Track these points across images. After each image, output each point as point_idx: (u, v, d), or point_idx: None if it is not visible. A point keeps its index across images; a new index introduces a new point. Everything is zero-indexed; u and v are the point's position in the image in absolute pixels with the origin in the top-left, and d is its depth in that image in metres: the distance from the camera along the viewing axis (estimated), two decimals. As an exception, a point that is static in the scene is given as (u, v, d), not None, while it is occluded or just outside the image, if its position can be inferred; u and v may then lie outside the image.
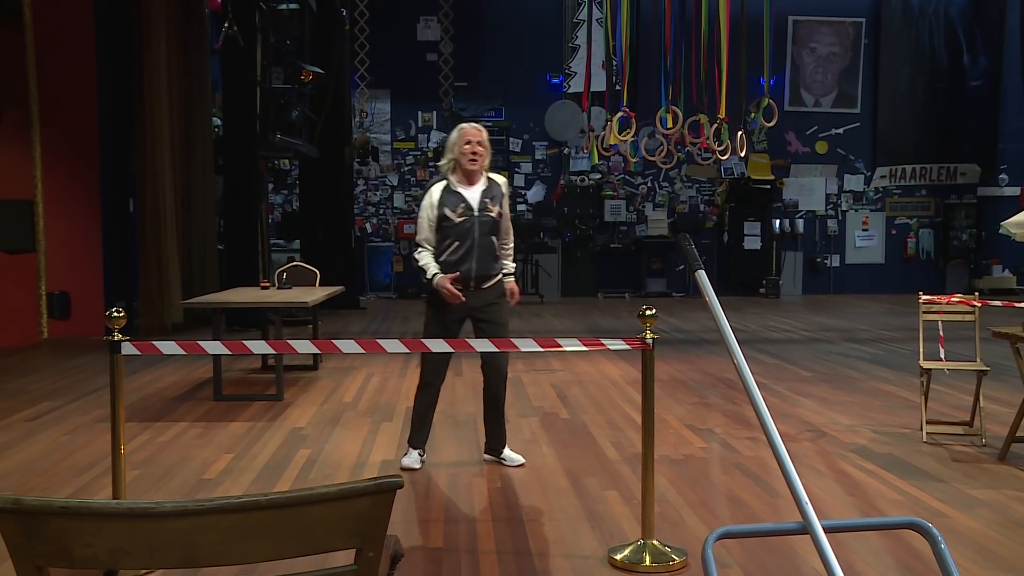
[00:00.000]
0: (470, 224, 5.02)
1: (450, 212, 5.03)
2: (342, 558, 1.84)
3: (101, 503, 1.68)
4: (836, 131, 17.60)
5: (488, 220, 5.05)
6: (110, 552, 1.63)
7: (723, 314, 2.66)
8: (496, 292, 5.15)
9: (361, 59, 15.91)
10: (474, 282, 5.05)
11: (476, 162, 5.04)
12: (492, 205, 5.07)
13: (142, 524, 1.63)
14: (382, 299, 16.54)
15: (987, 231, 16.92)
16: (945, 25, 17.44)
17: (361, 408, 6.97)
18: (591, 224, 17.03)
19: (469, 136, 5.06)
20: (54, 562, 1.65)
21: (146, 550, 1.65)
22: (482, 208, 5.05)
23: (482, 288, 5.09)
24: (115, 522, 1.63)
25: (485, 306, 5.11)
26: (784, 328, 12.06)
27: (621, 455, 5.54)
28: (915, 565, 3.68)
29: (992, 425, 5.87)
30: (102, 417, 6.31)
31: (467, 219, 5.02)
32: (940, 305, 5.95)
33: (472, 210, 5.03)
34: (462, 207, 5.02)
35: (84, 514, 1.64)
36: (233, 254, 12.03)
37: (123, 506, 1.64)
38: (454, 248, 5.03)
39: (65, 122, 10.79)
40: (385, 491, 1.75)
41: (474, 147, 5.04)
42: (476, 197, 5.06)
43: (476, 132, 5.11)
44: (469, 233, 5.02)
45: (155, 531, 1.64)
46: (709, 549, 2.01)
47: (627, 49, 10.69)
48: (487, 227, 5.06)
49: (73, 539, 1.63)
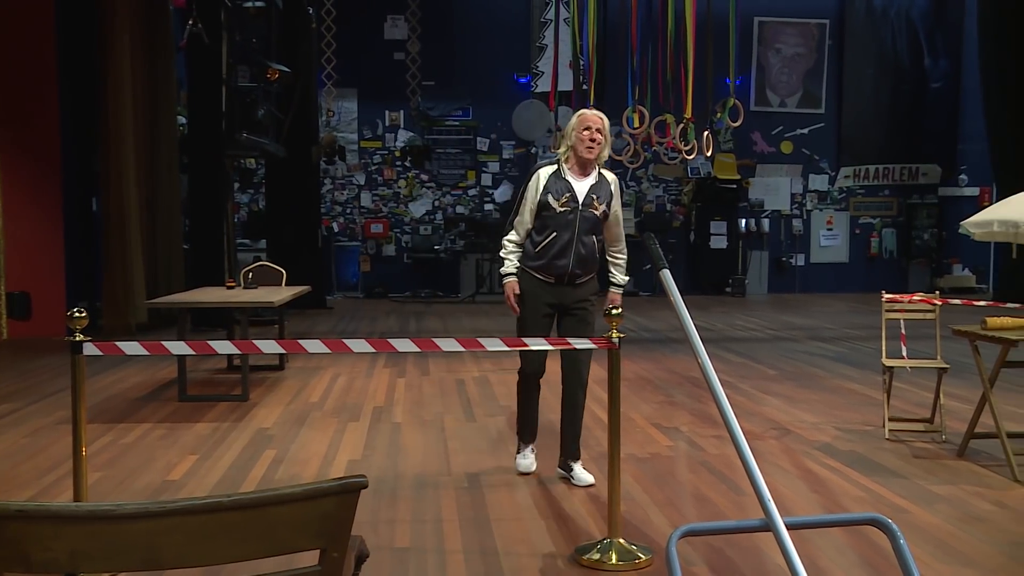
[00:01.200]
0: (572, 216, 4.69)
1: (553, 200, 4.70)
2: (307, 559, 1.83)
3: (60, 506, 1.66)
4: (801, 131, 17.77)
5: (590, 216, 4.72)
6: (70, 556, 1.61)
7: (687, 313, 2.68)
8: (589, 289, 4.87)
9: (328, 58, 15.82)
10: (569, 278, 4.79)
11: (593, 150, 4.68)
12: (598, 203, 4.73)
13: (102, 527, 1.62)
14: (349, 299, 16.47)
15: (948, 231, 17.16)
16: (907, 28, 17.67)
17: (328, 408, 6.93)
18: (559, 223, 17.04)
19: (589, 122, 4.70)
20: (11, 567, 1.63)
21: (107, 553, 1.63)
22: (587, 203, 4.71)
23: (576, 284, 4.82)
24: (74, 525, 1.61)
25: (578, 303, 4.83)
26: (750, 327, 12.16)
27: (588, 454, 5.55)
28: (877, 561, 3.73)
29: (952, 422, 5.96)
30: (64, 419, 6.22)
31: (569, 210, 4.69)
32: (902, 304, 6.03)
33: (576, 202, 4.70)
34: (567, 196, 4.69)
35: (42, 517, 1.62)
36: (199, 254, 11.93)
37: (83, 508, 1.62)
38: (551, 239, 4.72)
39: (25, 120, 10.62)
40: (350, 491, 1.75)
41: (593, 133, 4.67)
42: (584, 189, 4.72)
43: (597, 119, 4.73)
44: (569, 226, 4.70)
45: (116, 534, 1.62)
46: (673, 547, 2.02)
47: (594, 49, 10.73)
48: (588, 223, 4.73)
49: (31, 543, 1.60)
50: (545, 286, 4.81)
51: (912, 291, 11.37)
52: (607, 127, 4.77)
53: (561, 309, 4.85)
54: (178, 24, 12.08)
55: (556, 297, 4.81)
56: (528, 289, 4.82)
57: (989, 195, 16.42)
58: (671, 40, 10.37)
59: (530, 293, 4.81)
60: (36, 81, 10.66)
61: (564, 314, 4.87)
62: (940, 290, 9.04)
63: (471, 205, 17.29)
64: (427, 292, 16.70)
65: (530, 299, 4.82)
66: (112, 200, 11.01)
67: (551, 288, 4.81)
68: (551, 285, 4.80)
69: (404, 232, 17.21)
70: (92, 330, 4.04)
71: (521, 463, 5.13)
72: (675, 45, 10.35)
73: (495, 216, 17.06)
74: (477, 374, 8.39)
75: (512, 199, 17.21)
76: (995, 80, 14.56)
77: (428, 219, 17.22)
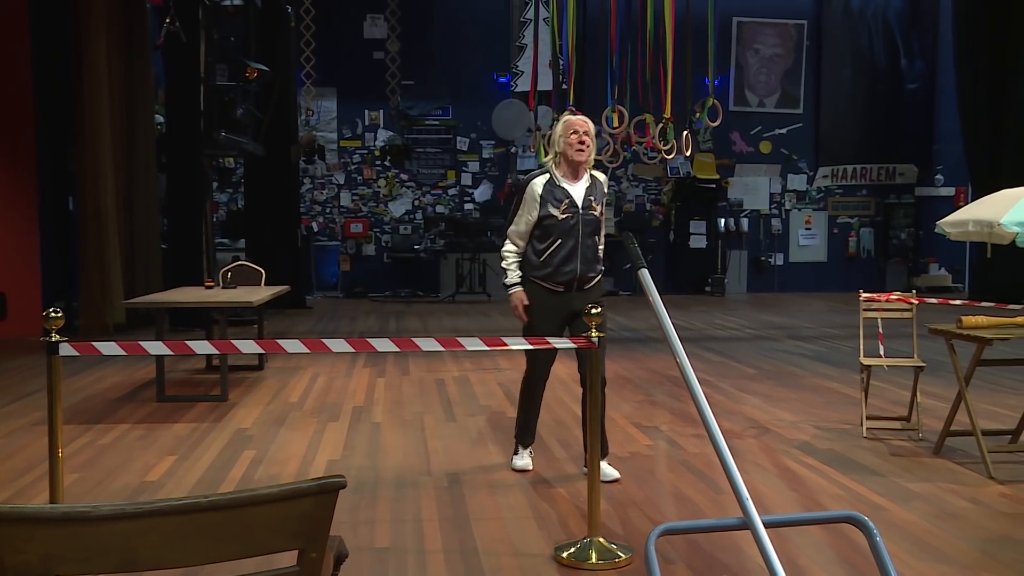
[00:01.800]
0: (575, 222, 4.72)
1: (553, 209, 4.72)
2: (286, 559, 1.82)
3: (34, 507, 1.64)
4: (780, 131, 17.86)
5: (592, 219, 4.78)
6: (43, 558, 1.60)
7: (666, 313, 2.69)
8: (599, 292, 4.90)
9: (307, 57, 15.76)
10: (577, 283, 4.81)
11: (584, 152, 4.71)
12: (596, 204, 4.79)
13: (78, 528, 1.60)
14: (329, 299, 16.42)
15: (924, 230, 17.31)
16: (883, 29, 17.80)
17: (307, 408, 6.91)
18: (539, 223, 17.05)
19: (575, 126, 4.74)
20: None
21: (82, 555, 1.62)
22: (586, 206, 4.75)
23: (584, 289, 4.83)
24: (49, 527, 1.60)
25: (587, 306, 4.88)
26: (729, 326, 12.21)
27: (568, 453, 5.57)
28: (855, 558, 3.76)
29: (928, 420, 6.01)
30: (40, 420, 6.16)
31: (571, 216, 4.72)
32: (880, 303, 6.08)
33: (577, 207, 4.73)
34: (566, 203, 4.72)
35: (16, 519, 1.60)
36: (177, 253, 11.86)
37: (58, 510, 1.61)
38: (557, 247, 4.74)
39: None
40: (328, 491, 1.74)
41: (581, 136, 4.71)
42: (581, 194, 4.76)
43: (582, 123, 4.77)
44: (573, 231, 4.73)
45: (92, 535, 1.61)
46: (651, 545, 2.03)
47: (573, 49, 10.73)
48: (591, 226, 4.78)
49: (4, 545, 1.59)
50: (553, 295, 4.81)
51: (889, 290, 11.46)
52: (592, 129, 4.81)
53: (571, 316, 4.81)
54: (155, 22, 11.98)
55: (565, 305, 4.80)
56: (536, 300, 4.81)
57: (965, 195, 16.56)
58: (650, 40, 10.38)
59: (539, 304, 4.81)
60: (11, 80, 10.56)
61: (575, 318, 4.79)
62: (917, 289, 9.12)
63: (451, 205, 17.27)
64: (407, 292, 16.68)
65: (539, 310, 4.81)
66: (89, 199, 10.92)
67: (560, 296, 4.81)
68: (559, 294, 4.80)
69: (384, 232, 17.17)
70: (69, 330, 4.01)
71: (518, 462, 5.16)
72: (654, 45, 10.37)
73: (475, 216, 17.05)
74: (457, 374, 8.38)
75: (492, 198, 17.24)
76: (970, 81, 14.71)
77: (408, 219, 17.19)
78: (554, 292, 4.81)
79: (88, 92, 10.79)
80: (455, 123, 17.13)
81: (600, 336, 3.91)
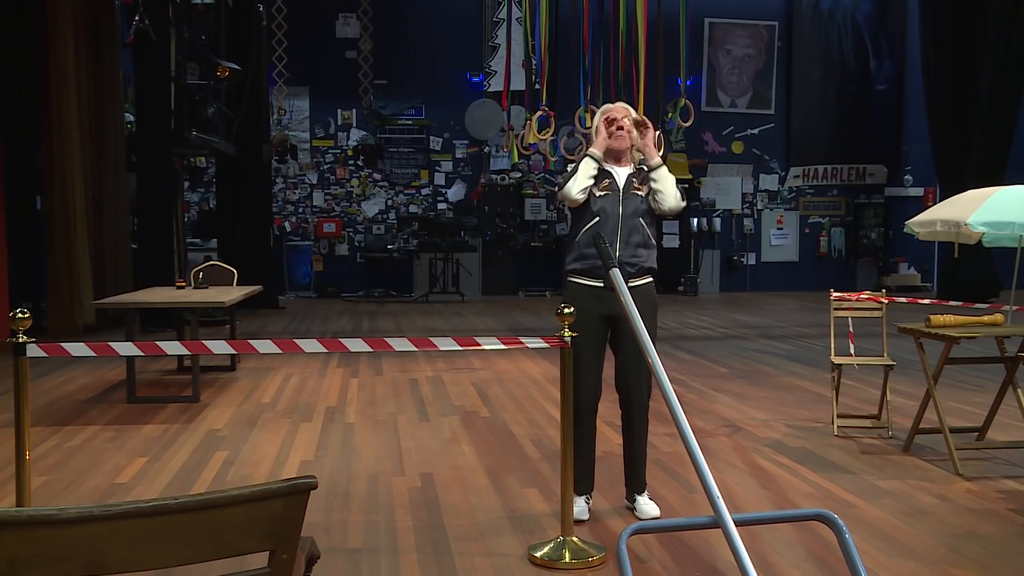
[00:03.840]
0: (615, 199, 4.42)
1: (594, 187, 4.48)
2: (257, 560, 1.81)
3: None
4: (751, 131, 17.98)
5: (635, 198, 4.43)
6: (8, 562, 1.58)
7: (637, 312, 2.69)
8: (646, 298, 4.35)
9: (279, 55, 15.67)
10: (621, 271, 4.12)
11: (623, 138, 4.49)
12: (640, 184, 4.47)
13: (44, 531, 1.58)
14: (301, 299, 16.34)
15: (894, 230, 17.48)
16: (852, 30, 17.97)
17: (280, 409, 6.87)
18: (512, 223, 17.09)
19: (612, 114, 4.55)
20: (-53, 575, 1.59)
21: (48, 559, 1.60)
22: (627, 185, 4.45)
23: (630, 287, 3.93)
24: (14, 531, 1.58)
25: None
26: (702, 325, 12.27)
27: (541, 453, 5.57)
28: (826, 555, 3.79)
29: (898, 418, 6.08)
30: (6, 422, 6.09)
31: (611, 194, 4.43)
32: (850, 302, 6.13)
33: (617, 186, 4.45)
34: (607, 181, 4.45)
35: (-19, 523, 1.58)
36: (147, 253, 11.75)
37: (23, 513, 1.59)
38: (594, 224, 4.38)
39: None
40: (299, 492, 1.74)
41: (620, 122, 4.49)
42: (623, 176, 4.49)
43: (622, 109, 4.59)
44: (613, 210, 4.40)
45: (58, 538, 1.59)
46: (623, 545, 2.04)
47: (546, 48, 10.75)
48: (632, 205, 4.41)
49: (-31, 549, 1.57)
50: (594, 293, 4.34)
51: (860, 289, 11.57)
52: (632, 115, 4.59)
53: (614, 322, 4.35)
54: (124, 19, 11.87)
55: (607, 306, 4.26)
56: (576, 302, 4.20)
57: (933, 195, 16.77)
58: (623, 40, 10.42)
59: (579, 307, 4.12)
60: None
61: (617, 327, 4.37)
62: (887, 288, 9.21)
63: (424, 204, 17.24)
64: (380, 292, 16.63)
65: (580, 316, 4.09)
66: (56, 198, 10.79)
67: (601, 294, 4.30)
68: (600, 290, 4.30)
69: (357, 231, 17.11)
70: (37, 331, 3.96)
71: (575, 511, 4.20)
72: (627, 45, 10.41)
73: (448, 216, 17.03)
74: (431, 373, 8.36)
75: (465, 198, 17.22)
76: (937, 82, 14.89)
77: (381, 218, 17.14)
78: (594, 289, 4.35)
79: (55, 90, 10.66)
80: (428, 123, 17.10)
81: (572, 335, 3.90)
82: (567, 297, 4.39)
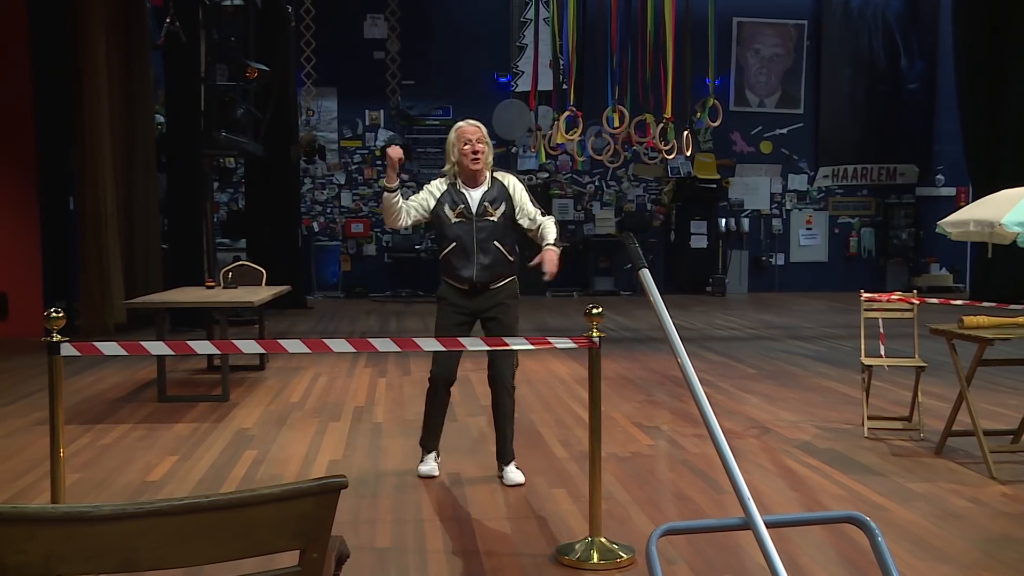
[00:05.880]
0: (468, 226, 4.77)
1: (448, 210, 4.80)
2: (287, 559, 1.82)
3: (35, 508, 1.64)
4: (780, 131, 17.85)
5: (487, 225, 4.78)
6: (44, 558, 1.60)
7: (667, 313, 2.68)
8: (507, 293, 4.89)
9: (307, 56, 15.76)
10: (479, 285, 4.82)
11: (479, 160, 4.79)
12: (493, 208, 4.79)
13: (78, 529, 1.60)
14: (329, 299, 16.41)
15: (925, 230, 17.29)
16: (883, 28, 17.79)
17: (308, 408, 6.91)
18: (539, 223, 17.04)
19: (467, 135, 4.82)
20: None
21: (83, 555, 1.61)
22: (481, 212, 4.78)
23: (490, 289, 4.85)
24: (50, 527, 1.60)
25: (493, 307, 4.85)
26: (730, 326, 12.20)
27: (569, 453, 5.56)
28: (856, 558, 3.75)
29: (930, 420, 6.01)
30: (41, 420, 6.17)
31: (464, 221, 4.77)
32: (880, 303, 6.07)
33: (470, 213, 4.78)
34: (461, 207, 4.79)
35: (17, 520, 1.60)
36: (177, 253, 11.85)
37: (59, 510, 1.61)
38: (452, 249, 4.79)
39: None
40: (329, 491, 1.74)
41: (474, 145, 4.79)
42: (476, 200, 4.80)
43: (474, 129, 4.86)
44: (468, 235, 4.77)
45: (92, 536, 1.61)
46: (653, 546, 2.03)
47: (574, 49, 10.74)
48: (486, 232, 4.77)
49: (5, 546, 1.59)
50: (460, 293, 4.86)
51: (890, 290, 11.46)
52: (486, 133, 4.90)
53: (478, 315, 4.89)
54: (155, 22, 11.98)
55: (472, 304, 4.85)
56: (444, 296, 4.90)
57: (966, 195, 16.55)
58: (651, 40, 10.39)
59: (446, 300, 4.88)
60: (10, 80, 10.56)
61: (484, 320, 4.90)
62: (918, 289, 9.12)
63: (452, 205, 17.24)
64: (407, 292, 16.67)
65: (445, 306, 4.89)
66: (88, 199, 10.92)
67: (466, 295, 4.85)
68: (466, 292, 4.85)
69: (384, 232, 17.17)
70: (69, 330, 4.00)
71: (422, 468, 5.07)
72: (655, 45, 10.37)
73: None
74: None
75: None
76: (970, 81, 14.69)
77: (409, 219, 17.15)
78: (460, 290, 4.86)
79: (88, 92, 10.79)
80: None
81: (602, 335, 3.90)
82: (439, 291, 4.95)
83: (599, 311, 3.93)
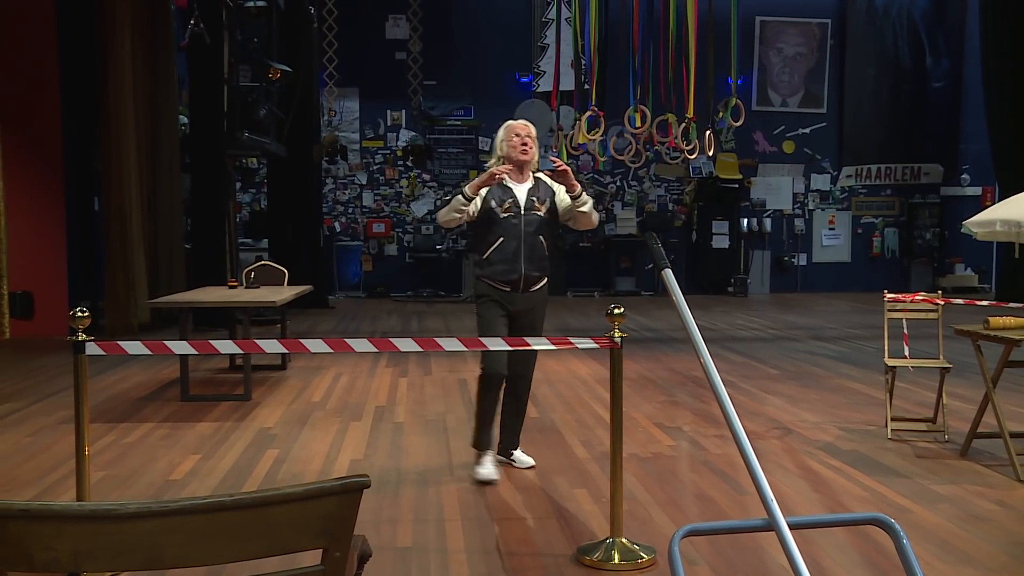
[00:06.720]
0: (516, 221, 4.90)
1: (496, 206, 4.91)
2: (309, 558, 1.83)
3: (63, 505, 1.66)
4: (803, 131, 17.75)
5: (535, 219, 4.93)
6: (72, 555, 1.61)
7: (690, 313, 2.67)
8: (540, 296, 5.06)
9: (329, 57, 15.82)
10: (523, 284, 4.93)
11: (528, 152, 4.96)
12: (539, 204, 4.95)
13: (105, 526, 1.62)
14: (351, 298, 16.47)
15: (950, 230, 17.14)
16: (908, 27, 17.65)
17: (330, 408, 6.93)
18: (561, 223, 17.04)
19: (517, 130, 5.00)
20: (13, 566, 1.63)
21: (109, 552, 1.63)
22: (529, 206, 4.93)
23: (529, 291, 4.97)
24: (77, 524, 1.61)
25: (529, 309, 5.00)
26: (752, 327, 12.15)
27: (590, 453, 5.56)
28: (879, 560, 3.73)
29: (954, 421, 5.96)
30: (66, 418, 6.23)
31: (513, 215, 4.90)
32: (904, 303, 6.02)
33: (519, 207, 4.92)
34: (509, 202, 4.92)
35: (45, 516, 1.62)
36: (200, 253, 11.93)
37: (85, 508, 1.62)
38: (500, 244, 4.90)
39: (27, 121, 10.64)
40: (352, 491, 1.75)
41: (523, 139, 4.96)
42: (523, 195, 4.95)
43: (524, 127, 5.03)
44: (516, 230, 4.89)
45: (118, 533, 1.62)
46: (676, 547, 2.02)
47: (596, 48, 10.71)
48: (534, 225, 4.92)
49: (33, 542, 1.60)
50: (500, 294, 4.96)
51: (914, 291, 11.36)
52: (534, 132, 5.06)
53: (512, 316, 5.00)
54: (179, 24, 12.08)
55: (510, 304, 4.96)
56: (485, 293, 4.99)
57: (991, 195, 16.39)
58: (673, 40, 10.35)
59: (487, 297, 4.98)
60: (38, 81, 10.67)
61: (513, 320, 5.01)
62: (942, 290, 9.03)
63: (473, 205, 17.26)
64: (429, 291, 16.70)
65: (487, 301, 4.98)
66: (113, 199, 11.02)
67: (506, 296, 4.95)
68: (506, 293, 4.95)
69: (406, 232, 17.21)
70: (94, 330, 4.04)
71: (481, 472, 4.97)
72: (677, 45, 10.34)
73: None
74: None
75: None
76: (996, 80, 14.54)
77: (430, 218, 17.21)
78: (500, 291, 4.95)
79: (113, 94, 10.89)
80: (477, 123, 17.14)
81: (623, 336, 3.89)
82: (479, 290, 5.02)
83: (620, 311, 3.92)
